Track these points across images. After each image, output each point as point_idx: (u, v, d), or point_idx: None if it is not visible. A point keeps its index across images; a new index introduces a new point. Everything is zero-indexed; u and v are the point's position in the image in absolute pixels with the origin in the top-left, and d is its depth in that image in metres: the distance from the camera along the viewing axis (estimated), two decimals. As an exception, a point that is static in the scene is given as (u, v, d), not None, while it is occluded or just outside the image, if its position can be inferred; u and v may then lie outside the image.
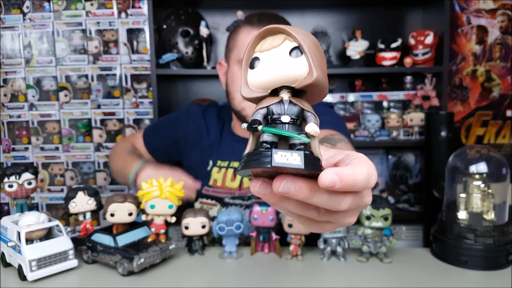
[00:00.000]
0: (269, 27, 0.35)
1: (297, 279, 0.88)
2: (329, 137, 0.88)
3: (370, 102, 1.98)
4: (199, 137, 1.20)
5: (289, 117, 0.34)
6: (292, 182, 0.32)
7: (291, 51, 0.34)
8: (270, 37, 0.35)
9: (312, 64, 0.34)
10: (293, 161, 0.31)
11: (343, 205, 0.34)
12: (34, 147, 2.15)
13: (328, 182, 0.31)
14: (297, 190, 0.32)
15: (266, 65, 0.34)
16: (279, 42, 0.34)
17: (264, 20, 1.07)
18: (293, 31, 0.34)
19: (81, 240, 0.95)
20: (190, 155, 1.20)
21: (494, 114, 2.09)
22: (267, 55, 0.35)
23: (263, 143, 0.34)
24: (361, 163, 0.34)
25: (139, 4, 2.08)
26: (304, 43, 0.34)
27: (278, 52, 0.34)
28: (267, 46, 0.35)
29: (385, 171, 2.07)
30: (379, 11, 2.05)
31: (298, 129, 0.34)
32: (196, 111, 1.25)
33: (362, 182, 0.33)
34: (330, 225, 0.38)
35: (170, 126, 1.24)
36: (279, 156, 0.31)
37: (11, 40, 2.10)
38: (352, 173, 0.32)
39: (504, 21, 2.03)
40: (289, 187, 0.32)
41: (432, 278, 0.87)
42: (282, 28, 0.34)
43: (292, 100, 0.35)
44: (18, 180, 0.93)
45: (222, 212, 0.97)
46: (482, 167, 0.96)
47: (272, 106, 0.35)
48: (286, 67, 0.34)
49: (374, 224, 0.92)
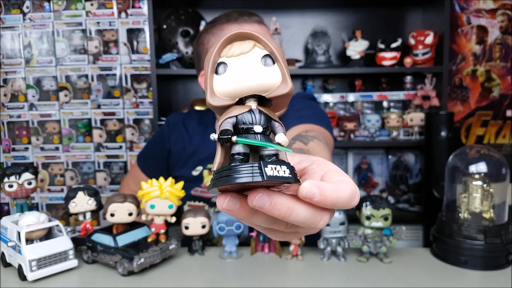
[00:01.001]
0: (239, 32, 0.33)
1: (297, 279, 0.88)
2: (303, 134, 0.87)
3: (370, 102, 1.98)
4: (182, 146, 1.19)
5: (261, 127, 0.33)
6: (268, 196, 0.31)
7: (264, 58, 0.32)
8: (238, 42, 0.33)
9: (287, 75, 0.33)
10: (283, 173, 0.30)
11: (322, 223, 0.33)
12: (34, 147, 2.15)
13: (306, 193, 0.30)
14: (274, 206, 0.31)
15: (236, 72, 0.33)
16: (248, 48, 0.33)
17: (244, 15, 1.06)
18: (264, 37, 0.33)
19: (81, 240, 0.95)
20: (178, 164, 1.20)
21: (494, 114, 2.09)
22: (235, 61, 0.33)
23: (235, 155, 0.32)
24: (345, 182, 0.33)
25: (139, 4, 2.08)
26: (277, 51, 0.32)
27: (248, 58, 0.33)
28: (235, 52, 0.33)
29: (385, 171, 2.07)
30: (379, 11, 2.05)
31: (268, 139, 0.33)
32: (176, 120, 1.24)
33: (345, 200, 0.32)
34: (296, 234, 0.37)
35: (158, 144, 1.24)
36: (270, 169, 0.30)
37: (11, 40, 2.10)
38: (335, 190, 0.31)
39: (504, 21, 2.03)
40: (263, 202, 0.31)
41: (432, 278, 0.87)
42: (253, 34, 0.33)
43: (260, 109, 0.33)
44: (18, 180, 0.93)
45: (222, 212, 0.97)
46: (482, 167, 0.96)
47: (242, 115, 0.33)
48: (259, 75, 0.32)
49: (374, 224, 0.92)
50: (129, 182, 1.26)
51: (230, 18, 1.06)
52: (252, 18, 1.06)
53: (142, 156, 1.27)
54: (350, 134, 1.88)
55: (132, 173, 1.28)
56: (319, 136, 0.89)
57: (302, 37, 2.07)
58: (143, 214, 0.94)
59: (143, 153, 1.28)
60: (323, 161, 0.37)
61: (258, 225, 0.35)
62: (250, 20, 1.06)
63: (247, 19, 1.06)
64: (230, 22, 1.06)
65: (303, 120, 1.02)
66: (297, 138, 0.82)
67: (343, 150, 2.07)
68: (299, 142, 0.79)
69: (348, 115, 1.96)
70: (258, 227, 0.36)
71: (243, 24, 1.05)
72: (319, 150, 0.80)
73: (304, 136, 0.84)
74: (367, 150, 2.06)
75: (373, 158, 2.07)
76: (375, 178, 2.07)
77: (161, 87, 1.89)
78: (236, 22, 1.05)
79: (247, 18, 1.06)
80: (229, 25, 1.05)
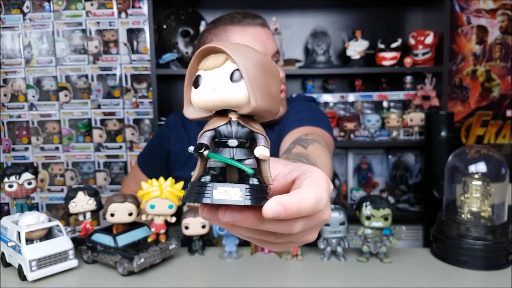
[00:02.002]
0: (210, 45, 0.33)
1: (297, 279, 0.88)
2: (303, 138, 0.87)
3: (370, 102, 1.98)
4: (181, 146, 1.19)
5: (237, 140, 0.33)
6: (238, 212, 0.31)
7: (232, 74, 0.32)
8: (213, 55, 0.33)
9: (250, 92, 0.32)
10: (233, 196, 0.30)
11: (295, 229, 0.33)
12: (34, 147, 2.16)
13: (272, 213, 0.30)
14: (244, 219, 0.31)
15: (207, 86, 0.33)
16: (221, 62, 0.32)
17: (248, 17, 1.05)
18: (234, 51, 0.32)
19: (81, 240, 0.95)
20: (177, 165, 1.20)
21: (494, 114, 2.09)
22: (209, 74, 0.33)
23: (210, 169, 0.33)
24: (310, 186, 0.33)
25: (139, 4, 2.08)
26: (244, 67, 0.32)
27: (219, 73, 0.32)
28: (210, 65, 0.33)
29: (385, 171, 2.07)
30: (379, 11, 2.05)
31: (247, 152, 0.33)
32: (176, 121, 1.24)
33: (308, 208, 0.32)
34: (292, 244, 0.38)
35: (157, 144, 1.24)
36: (219, 193, 0.30)
37: (11, 40, 2.10)
38: (297, 201, 0.31)
39: (504, 21, 2.03)
40: (234, 217, 0.31)
41: (432, 278, 0.87)
42: (222, 47, 0.32)
43: (240, 121, 0.33)
44: (18, 180, 0.93)
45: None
46: (481, 167, 0.96)
47: (220, 127, 0.33)
48: (225, 92, 0.32)
49: (374, 224, 0.92)
50: (130, 183, 1.27)
51: (234, 20, 1.05)
52: (256, 21, 1.05)
53: (142, 157, 1.27)
54: (350, 134, 1.88)
55: (132, 174, 1.28)
56: (319, 139, 0.89)
57: (302, 37, 2.07)
58: (143, 214, 0.94)
59: (143, 154, 1.28)
60: (312, 170, 0.36)
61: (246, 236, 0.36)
62: (253, 23, 1.05)
63: (250, 21, 1.05)
64: (233, 24, 1.05)
65: (303, 123, 1.02)
66: (297, 142, 0.83)
67: (343, 150, 2.07)
68: (299, 146, 0.79)
69: (348, 115, 1.96)
70: (249, 239, 0.37)
71: (247, 26, 1.04)
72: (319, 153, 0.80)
73: (303, 140, 0.84)
74: (367, 150, 2.06)
75: (373, 158, 2.07)
76: (375, 178, 2.07)
77: (161, 87, 1.89)
78: (239, 24, 1.04)
79: (250, 20, 1.05)
80: (233, 27, 1.05)
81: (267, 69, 0.33)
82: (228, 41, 0.30)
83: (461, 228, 0.92)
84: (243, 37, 1.03)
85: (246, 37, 1.03)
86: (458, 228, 0.92)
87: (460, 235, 0.91)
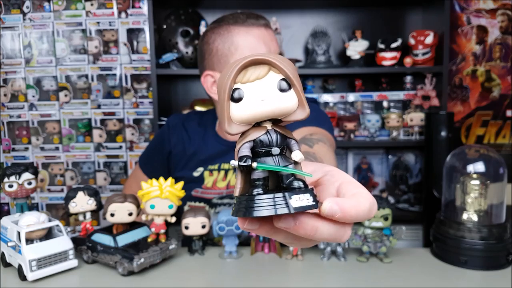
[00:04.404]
0: (255, 58, 0.33)
1: (297, 279, 0.88)
2: (308, 137, 0.87)
3: (370, 102, 1.98)
4: (182, 147, 1.19)
5: (279, 148, 0.33)
6: (292, 217, 0.32)
7: (280, 83, 0.32)
8: (252, 67, 0.33)
9: (304, 100, 0.33)
10: (307, 202, 0.31)
11: (346, 236, 0.34)
12: (34, 147, 2.16)
13: (328, 211, 0.31)
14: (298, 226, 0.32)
15: (252, 98, 0.32)
16: (264, 73, 0.32)
17: (252, 17, 1.05)
18: (279, 61, 0.32)
19: (81, 240, 0.95)
20: (178, 166, 1.20)
21: (494, 114, 2.09)
22: (251, 87, 0.32)
23: (256, 180, 0.33)
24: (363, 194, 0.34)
25: (139, 4, 2.08)
26: (292, 75, 0.32)
27: (264, 84, 0.32)
28: (251, 77, 0.33)
29: (385, 171, 2.07)
30: (379, 11, 2.05)
31: (286, 158, 0.34)
32: (176, 122, 1.24)
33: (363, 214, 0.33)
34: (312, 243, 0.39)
35: (158, 146, 1.24)
36: (295, 201, 0.30)
37: (11, 40, 2.10)
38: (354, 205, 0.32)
39: (504, 21, 2.03)
40: (289, 223, 0.32)
41: (432, 278, 0.87)
42: (267, 59, 0.32)
43: (276, 129, 0.34)
44: (18, 180, 0.93)
45: (222, 212, 0.97)
46: (479, 166, 0.96)
47: (261, 137, 0.33)
48: (276, 102, 0.32)
49: (374, 224, 0.92)
50: (132, 184, 1.27)
51: (237, 20, 1.05)
52: (260, 22, 1.05)
53: (143, 158, 1.28)
54: (350, 134, 1.88)
55: (134, 175, 1.28)
56: (324, 138, 0.90)
57: (302, 37, 2.07)
58: (143, 214, 0.94)
59: (144, 155, 1.28)
60: (337, 172, 0.37)
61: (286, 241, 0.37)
62: (257, 24, 1.04)
63: (254, 22, 1.04)
64: (237, 24, 1.05)
65: (306, 123, 1.02)
66: (303, 141, 0.83)
67: (343, 150, 2.07)
68: (305, 145, 0.79)
69: (348, 115, 1.96)
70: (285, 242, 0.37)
71: (251, 27, 1.04)
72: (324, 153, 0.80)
73: (309, 139, 0.84)
74: (367, 150, 2.06)
75: (373, 158, 2.07)
76: (375, 178, 2.07)
77: (161, 87, 1.89)
78: (243, 25, 1.04)
79: (254, 21, 1.04)
80: (236, 27, 1.04)
81: (298, 75, 0.34)
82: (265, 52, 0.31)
83: (460, 228, 0.92)
84: (248, 38, 1.03)
85: (250, 38, 1.03)
86: (458, 228, 0.92)
87: (459, 235, 0.91)
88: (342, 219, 0.32)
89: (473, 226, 0.91)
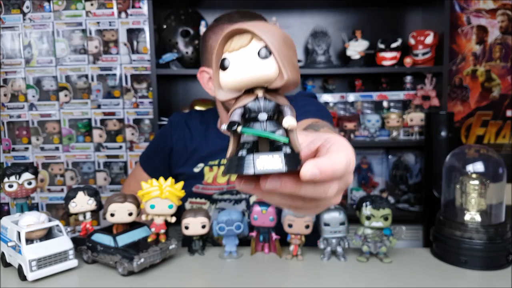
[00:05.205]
0: (235, 28, 0.35)
1: (297, 279, 0.88)
2: (314, 124, 0.89)
3: (370, 102, 1.98)
4: (184, 144, 1.20)
5: (266, 114, 0.35)
6: (278, 178, 0.33)
7: (259, 51, 0.33)
8: (237, 36, 0.35)
9: (282, 66, 0.33)
10: (274, 165, 0.32)
11: (330, 192, 0.35)
12: (34, 147, 2.16)
13: (309, 176, 0.32)
14: (283, 186, 0.33)
15: (236, 66, 0.34)
16: (246, 42, 0.34)
17: (247, 16, 1.06)
18: (259, 30, 0.33)
19: (81, 240, 0.95)
20: (179, 162, 1.20)
21: (494, 114, 2.09)
22: (236, 55, 0.34)
23: (244, 144, 0.34)
24: (339, 151, 0.35)
25: (139, 4, 2.08)
26: (271, 43, 0.33)
27: (246, 52, 0.34)
28: (235, 46, 0.34)
29: (385, 171, 2.07)
30: (379, 11, 2.05)
31: (276, 124, 0.35)
32: (179, 120, 1.25)
33: (341, 170, 0.34)
34: (318, 208, 0.40)
35: (160, 143, 1.24)
36: (261, 162, 0.32)
37: (11, 40, 2.10)
38: (331, 163, 0.33)
39: (504, 21, 2.03)
40: (275, 184, 0.33)
41: (432, 278, 0.87)
42: (248, 27, 0.34)
43: (267, 96, 0.35)
44: (18, 180, 0.93)
45: (222, 212, 0.97)
46: (479, 166, 0.96)
47: (249, 104, 0.35)
48: (256, 68, 0.33)
49: (374, 224, 0.92)
50: (130, 183, 1.27)
51: (232, 19, 1.06)
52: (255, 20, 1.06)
53: (144, 156, 1.28)
54: (350, 134, 1.88)
55: (134, 174, 1.28)
56: (329, 124, 0.90)
57: (302, 37, 2.07)
58: (143, 214, 0.94)
59: (146, 154, 1.28)
60: (334, 136, 0.38)
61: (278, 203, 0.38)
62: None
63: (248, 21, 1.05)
64: (231, 23, 1.05)
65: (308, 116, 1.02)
66: (309, 127, 0.84)
67: (343, 150, 2.07)
68: (311, 130, 0.80)
69: (348, 115, 1.96)
70: (279, 205, 0.39)
71: None
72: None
73: (315, 125, 0.85)
74: (367, 150, 2.06)
75: (373, 158, 2.07)
76: (375, 178, 2.07)
77: (161, 87, 1.90)
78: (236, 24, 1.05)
79: (248, 20, 1.05)
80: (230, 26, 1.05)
81: (288, 43, 0.35)
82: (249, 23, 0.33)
83: (460, 228, 0.92)
84: None
85: None
86: (458, 228, 0.92)
87: (460, 235, 0.91)
88: (322, 180, 0.33)
89: (473, 226, 0.91)
